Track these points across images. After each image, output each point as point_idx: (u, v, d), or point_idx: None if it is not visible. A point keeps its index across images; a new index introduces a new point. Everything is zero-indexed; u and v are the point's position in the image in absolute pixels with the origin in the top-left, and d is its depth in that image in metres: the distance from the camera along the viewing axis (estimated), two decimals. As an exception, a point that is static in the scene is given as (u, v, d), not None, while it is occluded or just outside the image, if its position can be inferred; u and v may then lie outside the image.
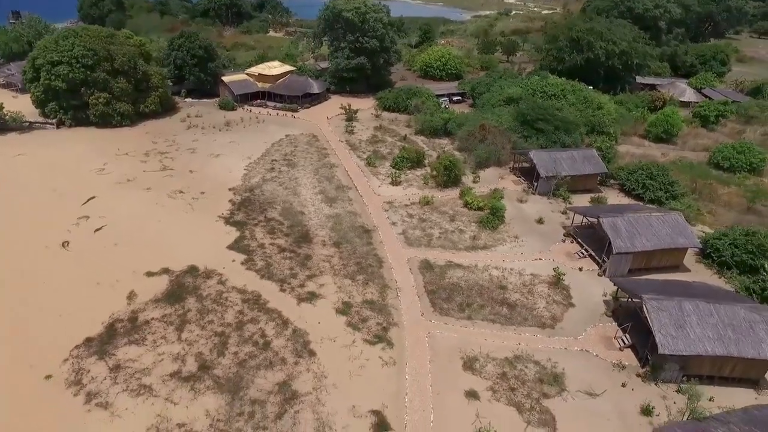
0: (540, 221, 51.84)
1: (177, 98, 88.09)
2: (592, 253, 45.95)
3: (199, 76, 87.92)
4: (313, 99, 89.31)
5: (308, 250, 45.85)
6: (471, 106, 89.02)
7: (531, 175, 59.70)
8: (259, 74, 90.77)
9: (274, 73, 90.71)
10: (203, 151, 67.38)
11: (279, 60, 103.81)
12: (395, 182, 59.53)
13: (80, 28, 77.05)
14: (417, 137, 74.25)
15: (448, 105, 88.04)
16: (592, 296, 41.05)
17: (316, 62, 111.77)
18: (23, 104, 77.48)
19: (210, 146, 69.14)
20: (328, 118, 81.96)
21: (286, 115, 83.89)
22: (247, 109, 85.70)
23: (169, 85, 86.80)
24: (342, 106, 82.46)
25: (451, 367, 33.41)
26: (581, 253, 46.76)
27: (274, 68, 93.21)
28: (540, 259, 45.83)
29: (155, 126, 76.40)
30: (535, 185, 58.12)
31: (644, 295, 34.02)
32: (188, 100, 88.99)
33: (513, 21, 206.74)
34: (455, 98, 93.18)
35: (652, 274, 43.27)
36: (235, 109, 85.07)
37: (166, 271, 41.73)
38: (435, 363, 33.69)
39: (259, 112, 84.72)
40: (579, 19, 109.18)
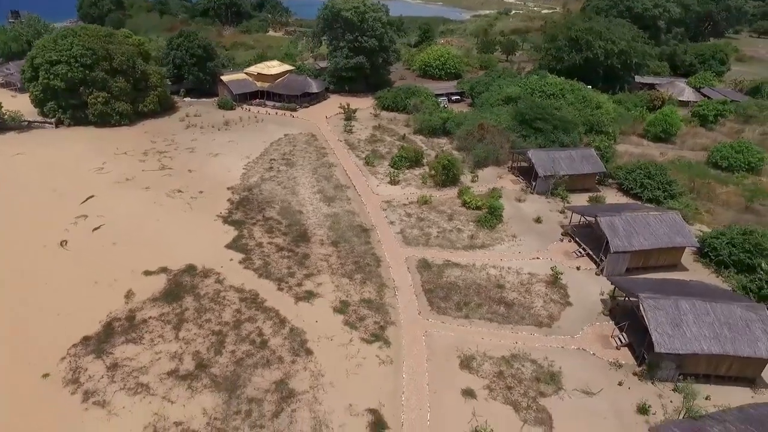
0: (538, 220, 51.88)
1: (176, 97, 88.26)
2: (590, 252, 45.98)
3: (198, 75, 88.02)
4: (312, 98, 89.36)
5: (306, 249, 45.90)
6: (470, 105, 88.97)
7: (529, 174, 59.73)
8: (258, 73, 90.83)
9: (273, 73, 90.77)
10: (202, 151, 67.44)
11: (278, 59, 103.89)
12: (393, 181, 59.55)
13: (79, 28, 77.11)
14: (416, 137, 74.27)
15: (447, 104, 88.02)
16: (590, 295, 41.06)
17: (315, 61, 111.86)
18: (22, 103, 77.63)
19: (209, 145, 69.20)
20: (326, 118, 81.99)
21: (285, 114, 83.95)
22: (246, 109, 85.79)
23: (168, 84, 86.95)
24: (341, 106, 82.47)
25: (448, 366, 33.43)
26: (579, 252, 46.79)
27: (273, 67, 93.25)
28: (538, 258, 45.87)
29: (154, 125, 76.45)
30: (534, 184, 58.15)
31: (641, 294, 34.04)
32: (187, 100, 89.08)
33: (513, 20, 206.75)
34: (454, 98, 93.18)
35: (650, 273, 43.22)
36: (234, 109, 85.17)
37: (164, 270, 41.79)
38: (432, 362, 33.72)
39: (258, 112, 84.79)
40: (578, 18, 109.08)
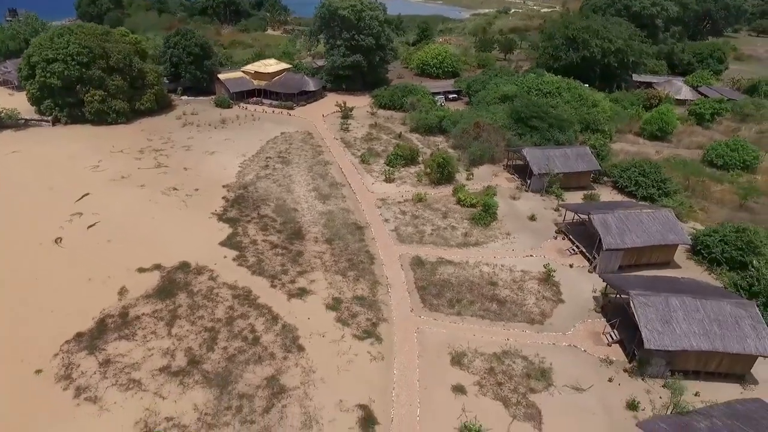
0: (532, 218, 51.98)
1: (173, 96, 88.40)
2: (584, 250, 46.08)
3: (195, 73, 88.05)
4: (309, 97, 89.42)
5: (300, 247, 46.03)
6: (467, 103, 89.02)
7: (524, 172, 59.78)
8: (255, 72, 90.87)
9: (270, 71, 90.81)
10: (198, 149, 67.56)
11: (276, 58, 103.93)
12: (389, 179, 59.64)
13: (75, 26, 77.18)
14: (412, 135, 74.35)
15: (444, 103, 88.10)
16: (582, 292, 41.20)
17: (313, 60, 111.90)
18: (19, 102, 77.81)
19: (205, 144, 69.32)
20: (323, 116, 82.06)
21: (282, 112, 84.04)
22: (243, 107, 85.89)
23: (165, 82, 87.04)
24: (338, 104, 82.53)
25: (439, 363, 33.59)
26: (572, 249, 46.91)
27: (270, 66, 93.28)
28: (531, 256, 45.98)
29: (151, 123, 76.57)
30: (529, 182, 58.24)
31: (631, 291, 34.20)
32: (184, 98, 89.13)
33: (512, 19, 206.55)
34: (451, 96, 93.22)
35: (643, 270, 43.35)
36: (231, 107, 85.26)
37: (157, 267, 41.97)
38: (423, 358, 33.88)
39: (255, 110, 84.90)
40: (575, 17, 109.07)
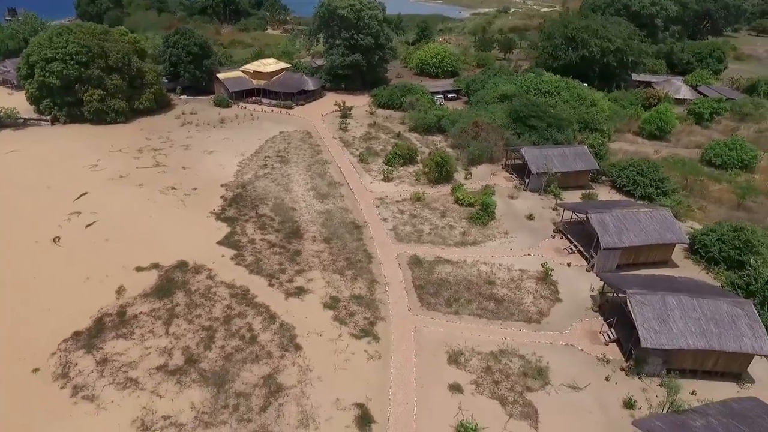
0: (530, 217, 52.00)
1: (172, 95, 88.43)
2: (581, 249, 46.13)
3: (194, 73, 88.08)
4: (308, 96, 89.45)
5: (298, 246, 46.07)
6: (466, 103, 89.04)
7: (523, 171, 59.79)
8: (255, 71, 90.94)
9: (269, 70, 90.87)
10: (197, 148, 67.60)
11: (275, 57, 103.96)
12: (387, 179, 59.67)
13: (74, 25, 77.26)
14: (411, 134, 74.38)
15: (443, 102, 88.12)
16: (580, 291, 41.22)
17: (312, 59, 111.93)
18: (18, 101, 77.90)
19: (204, 143, 69.36)
20: (322, 115, 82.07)
21: (281, 112, 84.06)
22: (241, 106, 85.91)
23: (164, 82, 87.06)
24: (336, 103, 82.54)
25: (436, 361, 33.62)
26: (570, 248, 46.93)
27: (269, 65, 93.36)
28: (529, 255, 46.00)
29: (149, 123, 76.60)
30: (527, 182, 58.27)
31: (628, 290, 34.24)
32: (183, 97, 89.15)
33: (512, 18, 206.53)
34: (450, 95, 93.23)
35: (641, 269, 43.41)
36: (230, 106, 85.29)
37: (155, 266, 42.00)
38: (420, 357, 33.90)
39: (254, 109, 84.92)
40: (574, 16, 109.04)
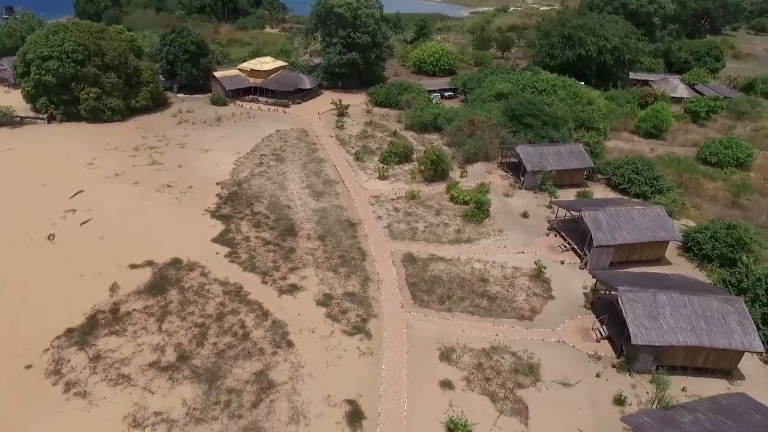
0: (525, 215, 52.09)
1: (169, 93, 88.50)
2: (575, 247, 46.23)
3: (191, 71, 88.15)
4: (305, 94, 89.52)
5: (293, 243, 46.16)
6: (462, 101, 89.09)
7: (518, 169, 59.89)
8: (252, 70, 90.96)
9: (266, 69, 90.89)
10: (193, 146, 67.68)
11: (273, 56, 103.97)
12: (383, 177, 59.75)
13: (70, 23, 77.17)
14: (407, 132, 74.46)
15: (440, 101, 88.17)
16: (573, 289, 41.31)
17: (310, 57, 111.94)
18: (15, 99, 77.91)
19: (200, 141, 69.43)
20: (319, 114, 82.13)
21: (278, 110, 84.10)
22: (238, 105, 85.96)
23: (161, 80, 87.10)
24: (333, 102, 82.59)
25: (428, 358, 33.71)
26: (564, 246, 47.04)
27: (266, 64, 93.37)
28: (523, 253, 46.09)
29: (146, 121, 76.67)
30: (522, 180, 58.35)
31: (620, 287, 34.34)
32: (180, 96, 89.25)
33: (511, 17, 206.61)
34: (447, 94, 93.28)
35: (634, 267, 43.57)
36: (227, 105, 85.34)
37: (149, 263, 42.09)
38: (412, 354, 33.99)
39: (251, 108, 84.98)
40: (571, 14, 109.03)
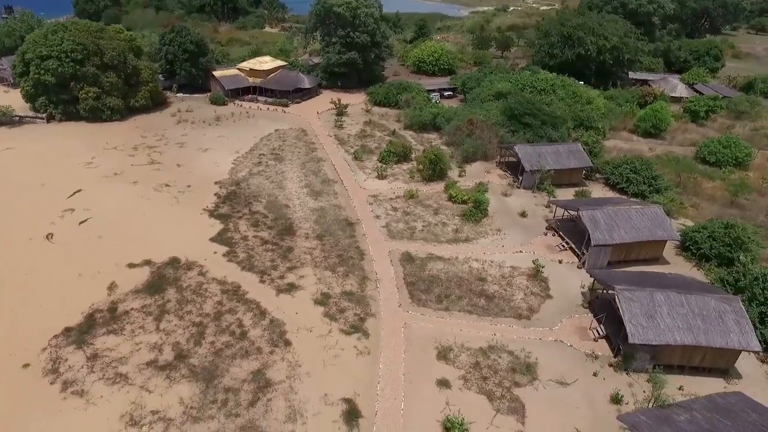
0: (523, 214, 52.10)
1: (168, 93, 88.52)
2: (573, 246, 46.25)
3: (190, 70, 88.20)
4: (304, 94, 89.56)
5: (291, 243, 46.19)
6: (461, 101, 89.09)
7: (517, 169, 59.89)
8: (251, 69, 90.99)
9: (265, 68, 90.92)
10: (192, 146, 67.71)
11: (273, 55, 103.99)
12: (381, 176, 59.78)
13: (69, 23, 77.21)
14: (406, 132, 74.48)
15: (439, 100, 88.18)
16: (570, 288, 41.34)
17: (309, 57, 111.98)
18: (14, 99, 78.05)
19: (199, 140, 69.47)
20: (318, 113, 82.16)
21: (277, 110, 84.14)
22: (237, 104, 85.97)
23: (161, 79, 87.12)
24: (332, 101, 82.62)
25: (425, 357, 33.74)
26: (562, 245, 47.06)
27: (265, 63, 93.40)
28: (521, 252, 46.11)
29: (145, 120, 76.71)
30: (520, 179, 58.37)
31: (617, 286, 34.37)
32: (179, 95, 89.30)
33: (510, 17, 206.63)
34: (446, 93, 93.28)
35: (632, 266, 43.58)
36: (226, 104, 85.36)
37: (147, 262, 42.12)
38: (409, 353, 34.03)
39: (250, 107, 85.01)
40: (571, 14, 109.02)
